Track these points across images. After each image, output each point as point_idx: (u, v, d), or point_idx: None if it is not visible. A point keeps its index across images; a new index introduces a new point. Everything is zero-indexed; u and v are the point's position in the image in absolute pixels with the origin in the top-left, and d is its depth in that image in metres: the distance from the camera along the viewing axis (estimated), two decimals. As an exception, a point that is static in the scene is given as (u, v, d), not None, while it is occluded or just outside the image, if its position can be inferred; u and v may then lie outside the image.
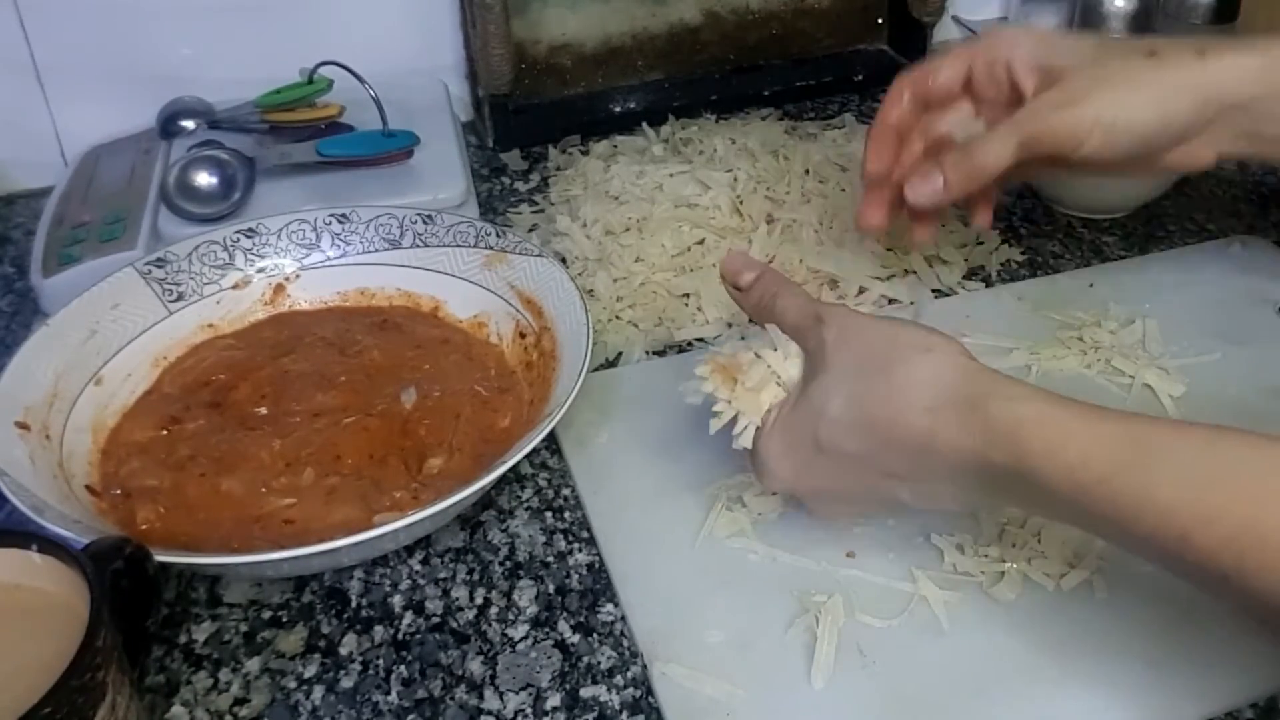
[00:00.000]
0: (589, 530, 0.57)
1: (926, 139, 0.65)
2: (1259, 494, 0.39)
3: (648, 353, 0.68)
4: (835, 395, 0.48)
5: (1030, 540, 0.54)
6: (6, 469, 0.51)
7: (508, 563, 0.55)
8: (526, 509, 0.58)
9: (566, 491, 0.59)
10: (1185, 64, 0.57)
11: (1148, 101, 0.57)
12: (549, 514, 0.58)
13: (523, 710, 0.49)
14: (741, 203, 0.77)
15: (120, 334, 0.61)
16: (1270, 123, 0.58)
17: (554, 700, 0.49)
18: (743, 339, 0.56)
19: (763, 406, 0.51)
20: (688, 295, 0.71)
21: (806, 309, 0.52)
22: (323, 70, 0.77)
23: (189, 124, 0.78)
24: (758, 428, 0.51)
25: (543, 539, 0.57)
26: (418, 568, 0.55)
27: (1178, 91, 0.57)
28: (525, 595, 0.54)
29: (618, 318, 0.70)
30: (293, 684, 0.50)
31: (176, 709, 0.49)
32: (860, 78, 0.96)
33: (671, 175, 0.80)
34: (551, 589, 0.54)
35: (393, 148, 0.74)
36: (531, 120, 0.89)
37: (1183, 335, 0.67)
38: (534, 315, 0.62)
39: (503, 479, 0.56)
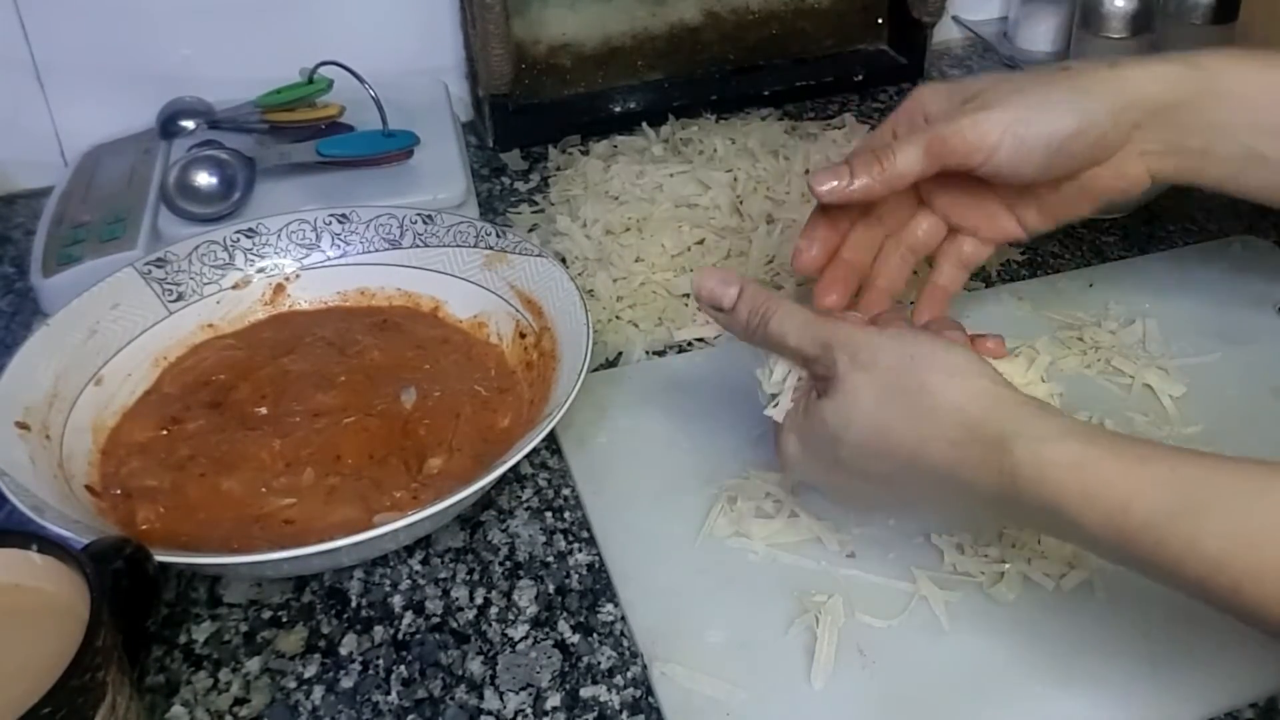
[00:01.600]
0: (589, 530, 0.57)
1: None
2: None
3: (648, 353, 0.68)
4: (854, 420, 0.47)
5: (1030, 540, 0.53)
6: (6, 469, 0.51)
7: (508, 563, 0.55)
8: (526, 509, 0.58)
9: (566, 491, 0.59)
10: (1098, 73, 0.55)
11: (1060, 104, 0.55)
12: (549, 514, 0.58)
13: (523, 710, 0.49)
14: (741, 203, 0.77)
15: (120, 334, 0.61)
16: (1192, 134, 0.56)
17: (554, 700, 0.49)
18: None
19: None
20: (688, 295, 0.71)
21: (809, 333, 0.49)
22: (323, 70, 0.77)
23: (189, 124, 0.78)
24: (782, 420, 0.52)
25: (543, 539, 0.57)
26: (418, 568, 0.55)
27: (1090, 95, 0.55)
28: (525, 595, 0.54)
29: (618, 318, 0.70)
30: (293, 684, 0.50)
31: (176, 709, 0.49)
32: (860, 78, 0.96)
33: (671, 175, 0.80)
34: (551, 589, 0.54)
35: (393, 148, 0.74)
36: (531, 120, 0.89)
37: (1183, 335, 0.67)
38: (534, 315, 0.62)
39: (503, 479, 0.56)
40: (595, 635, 0.52)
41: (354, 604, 0.54)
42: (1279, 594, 0.38)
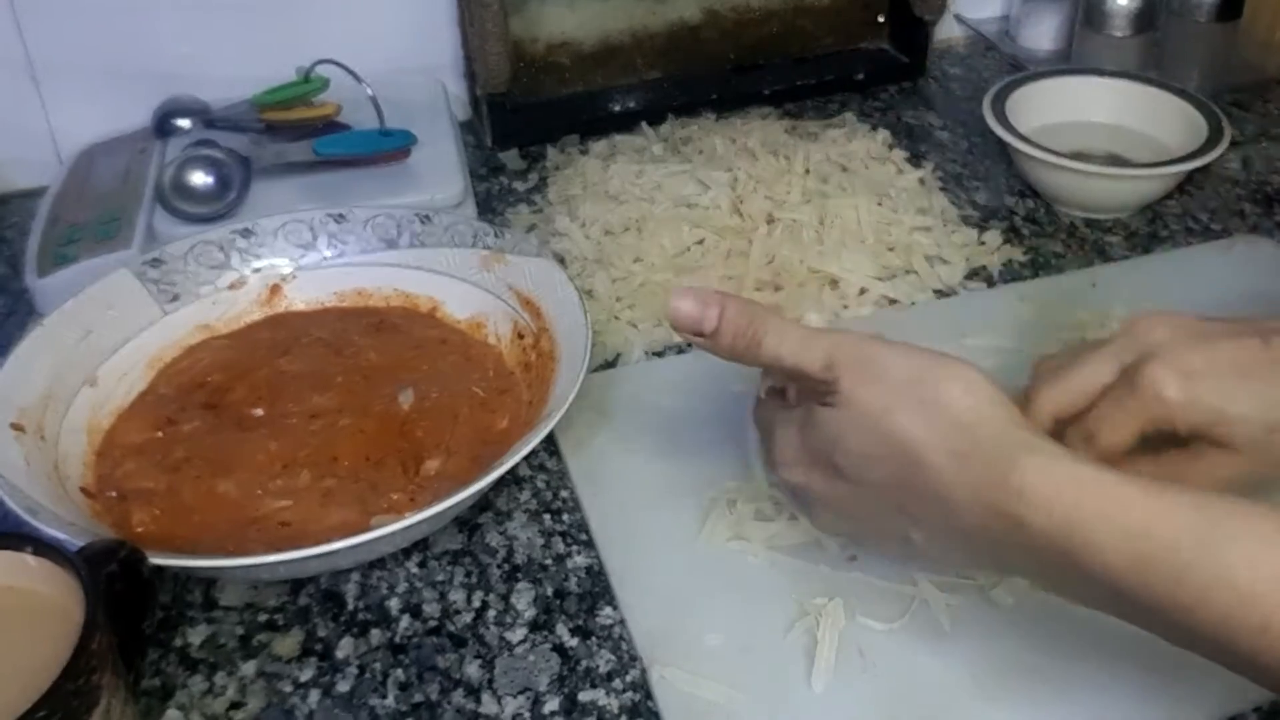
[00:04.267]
0: (587, 533, 0.56)
1: None
2: None
3: (647, 353, 0.68)
4: (859, 427, 0.45)
5: (1032, 542, 0.53)
6: (1, 471, 0.50)
7: (505, 565, 0.55)
8: (524, 511, 0.58)
9: (565, 493, 0.59)
10: None
11: None
12: (547, 516, 0.58)
13: (520, 714, 0.48)
14: (741, 202, 0.77)
15: (115, 335, 0.61)
16: None
17: (552, 704, 0.49)
18: None
19: None
20: (687, 295, 0.71)
21: (809, 349, 0.47)
22: (319, 69, 0.77)
23: (184, 123, 0.78)
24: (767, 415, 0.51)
25: (541, 541, 0.56)
26: (415, 570, 0.55)
27: None
28: (523, 598, 0.53)
29: (617, 318, 0.70)
30: (289, 687, 0.50)
31: (172, 712, 0.49)
32: (861, 76, 0.95)
33: (671, 175, 0.80)
34: (550, 592, 0.54)
35: (390, 147, 0.74)
36: (530, 119, 0.89)
37: (1185, 335, 0.66)
38: (532, 316, 0.62)
39: (501, 481, 0.56)
40: (594, 638, 0.51)
41: (350, 607, 0.53)
42: None
